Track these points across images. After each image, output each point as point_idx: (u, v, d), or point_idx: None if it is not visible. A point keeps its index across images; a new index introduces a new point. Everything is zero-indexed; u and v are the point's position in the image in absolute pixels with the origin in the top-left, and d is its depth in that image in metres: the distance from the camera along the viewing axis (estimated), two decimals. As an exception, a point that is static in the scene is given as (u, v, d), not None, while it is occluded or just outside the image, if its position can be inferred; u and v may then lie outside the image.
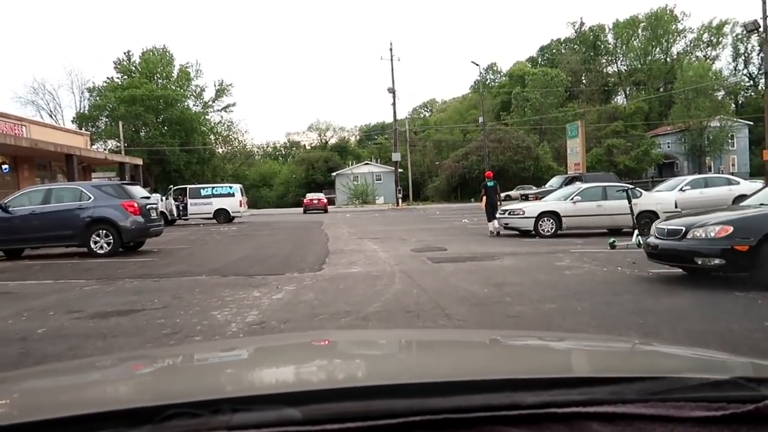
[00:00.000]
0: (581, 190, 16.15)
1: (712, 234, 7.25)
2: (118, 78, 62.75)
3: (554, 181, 26.95)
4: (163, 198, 26.95)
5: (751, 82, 78.72)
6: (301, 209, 40.74)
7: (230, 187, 27.59)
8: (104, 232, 13.44)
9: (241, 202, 27.17)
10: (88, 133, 41.44)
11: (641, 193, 16.15)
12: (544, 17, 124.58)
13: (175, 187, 28.77)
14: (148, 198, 14.91)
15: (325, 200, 39.93)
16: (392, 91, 42.33)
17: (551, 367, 1.31)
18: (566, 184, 25.91)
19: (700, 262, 7.36)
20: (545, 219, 15.76)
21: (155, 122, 59.23)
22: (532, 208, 16.20)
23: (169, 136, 58.92)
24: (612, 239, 12.47)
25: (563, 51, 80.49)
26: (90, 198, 13.54)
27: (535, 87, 63.67)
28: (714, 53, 78.77)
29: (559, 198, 16.56)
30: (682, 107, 56.80)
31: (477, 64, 39.52)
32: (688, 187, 20.02)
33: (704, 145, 56.90)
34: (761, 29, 26.17)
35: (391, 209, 41.46)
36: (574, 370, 1.31)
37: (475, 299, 7.20)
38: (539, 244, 13.93)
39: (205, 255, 13.88)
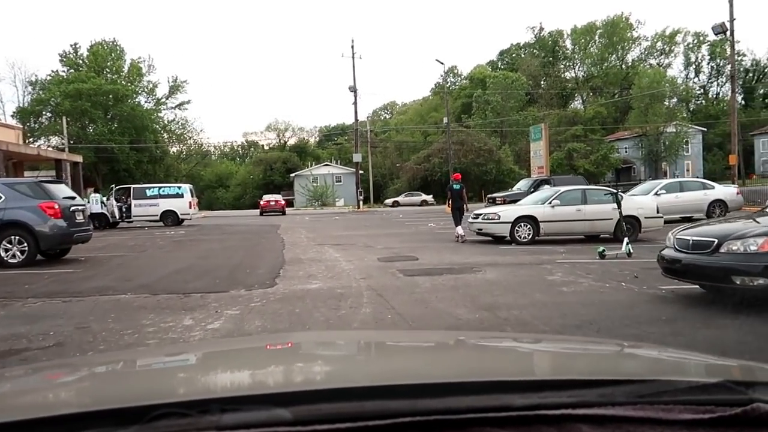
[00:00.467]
0: (560, 194, 14.85)
1: (754, 248, 5.88)
2: (63, 72, 59.10)
3: (522, 184, 25.85)
4: (104, 199, 24.53)
5: (702, 90, 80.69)
6: (258, 211, 38.60)
7: (179, 187, 25.35)
8: (17, 238, 11.33)
9: (191, 203, 24.98)
10: (20, 127, 38.32)
11: (622, 197, 14.97)
12: (504, 22, 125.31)
13: (117, 187, 26.31)
14: (73, 199, 12.79)
15: (283, 202, 37.91)
16: (353, 89, 40.70)
17: (541, 369, 1.33)
18: (534, 188, 24.84)
19: (738, 282, 5.98)
20: (522, 224, 14.38)
21: (104, 119, 55.87)
22: (509, 212, 14.80)
23: (118, 134, 55.65)
24: (601, 248, 11.14)
25: (523, 55, 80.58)
26: (0, 198, 11.41)
27: (497, 90, 63.10)
28: (666, 61, 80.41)
29: (536, 202, 15.22)
30: (640, 113, 57.10)
31: (441, 63, 38.61)
32: (664, 191, 19.08)
33: (660, 151, 57.31)
34: (728, 32, 25.68)
35: (352, 212, 39.80)
36: (564, 373, 1.26)
37: (467, 329, 5.63)
38: (519, 252, 12.52)
39: (138, 265, 11.90)
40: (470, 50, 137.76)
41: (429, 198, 49.46)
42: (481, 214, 15.24)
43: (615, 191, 13.30)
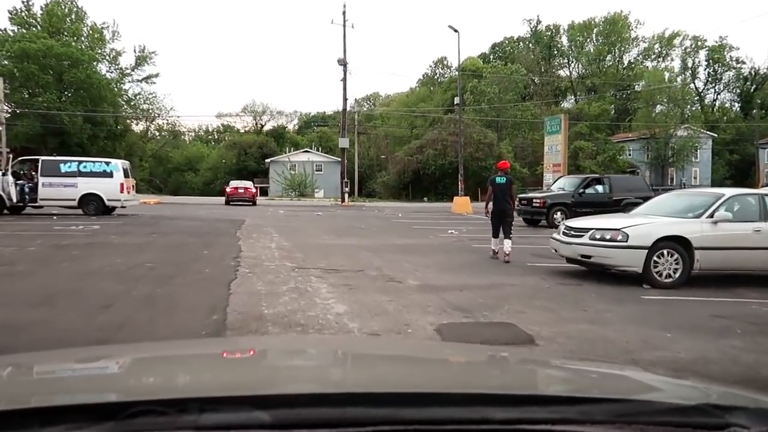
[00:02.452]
0: (726, 201, 8.26)
1: None
2: (12, 31, 50.51)
3: (564, 182, 19.43)
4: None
5: (698, 96, 75.76)
6: (223, 199, 31.33)
7: (107, 164, 18.05)
8: None
9: (123, 185, 17.76)
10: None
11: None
12: (496, 15, 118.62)
13: (20, 158, 18.86)
14: None
15: (254, 190, 30.73)
16: (343, 63, 33.64)
17: (523, 384, 1.30)
18: (584, 187, 18.39)
19: None
20: (665, 252, 7.80)
21: (55, 85, 47.56)
22: (641, 230, 8.07)
23: (70, 104, 47.49)
24: None
25: (519, 48, 74.51)
26: None
27: (493, 81, 56.68)
28: (663, 65, 75.38)
29: (678, 212, 8.63)
30: (647, 113, 51.33)
31: (456, 30, 31.55)
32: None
33: (668, 155, 51.66)
34: None
35: (335, 205, 32.85)
36: (545, 389, 1.24)
37: None
38: (680, 308, 5.97)
39: None
40: (464, 40, 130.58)
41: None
42: (581, 229, 8.54)
43: None
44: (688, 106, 73.48)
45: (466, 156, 43.31)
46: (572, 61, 76.80)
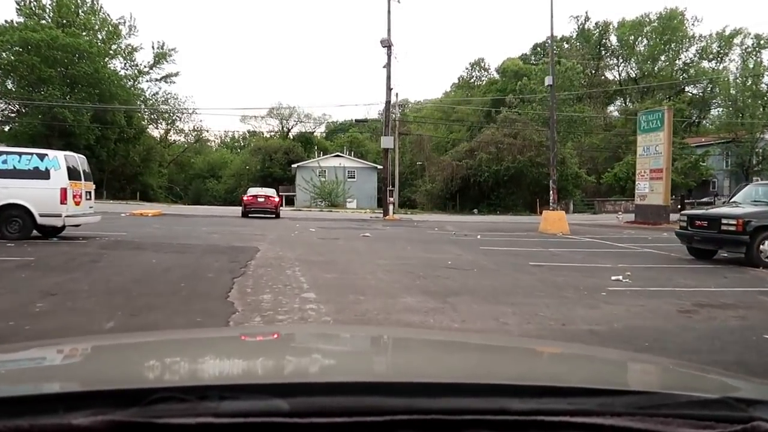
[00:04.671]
0: None
1: None
2: (18, 22, 44.78)
3: (749, 192, 12.14)
4: None
5: (761, 100, 67.16)
6: (240, 209, 24.43)
7: (42, 157, 10.91)
8: None
9: (67, 192, 10.69)
10: None
11: None
12: (537, 13, 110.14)
13: None
14: None
15: (277, 199, 23.74)
16: (387, 44, 26.61)
17: (541, 374, 1.26)
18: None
19: None
20: None
21: (59, 80, 41.55)
22: None
23: (77, 101, 41.42)
24: None
25: (564, 48, 66.83)
26: None
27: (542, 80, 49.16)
28: (721, 65, 67.03)
29: None
30: (731, 113, 43.20)
31: None
32: None
33: (752, 162, 43.41)
34: None
35: (376, 219, 25.78)
36: (564, 380, 1.18)
37: None
38: None
39: None
40: (498, 43, 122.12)
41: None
42: None
43: None
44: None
45: (525, 161, 35.92)
46: (621, 62, 69.05)
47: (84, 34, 45.14)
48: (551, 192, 19.35)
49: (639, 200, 25.88)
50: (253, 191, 24.31)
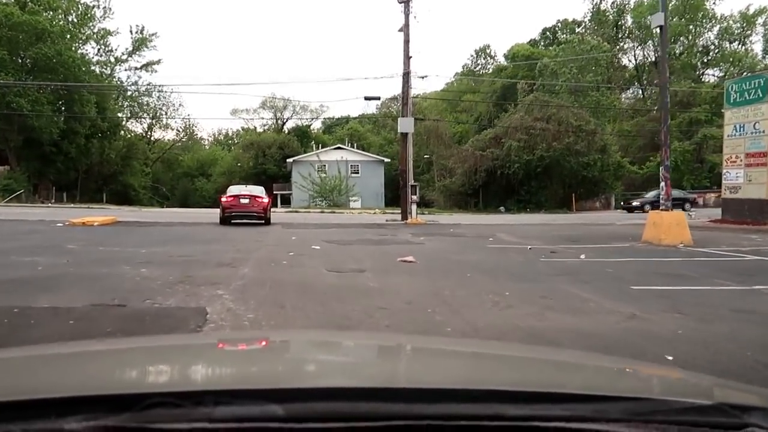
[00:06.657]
0: None
1: None
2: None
3: None
4: None
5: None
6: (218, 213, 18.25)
7: None
8: None
9: None
10: None
11: None
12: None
13: None
14: None
15: (266, 200, 17.48)
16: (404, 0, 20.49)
17: (536, 381, 1.24)
18: None
19: None
20: None
21: (15, 65, 35.08)
22: None
23: (35, 90, 34.98)
24: None
25: (575, 33, 60.82)
26: None
27: (567, 58, 43.08)
28: (743, 48, 61.23)
29: None
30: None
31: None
32: None
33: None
34: None
35: (394, 222, 19.68)
36: (559, 386, 1.16)
37: None
38: None
39: None
40: (501, 31, 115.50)
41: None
42: None
43: None
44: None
45: (562, 148, 29.73)
46: (637, 45, 63.09)
47: (50, 15, 38.65)
48: (663, 183, 13.09)
49: (728, 193, 19.90)
50: (234, 190, 18.02)
